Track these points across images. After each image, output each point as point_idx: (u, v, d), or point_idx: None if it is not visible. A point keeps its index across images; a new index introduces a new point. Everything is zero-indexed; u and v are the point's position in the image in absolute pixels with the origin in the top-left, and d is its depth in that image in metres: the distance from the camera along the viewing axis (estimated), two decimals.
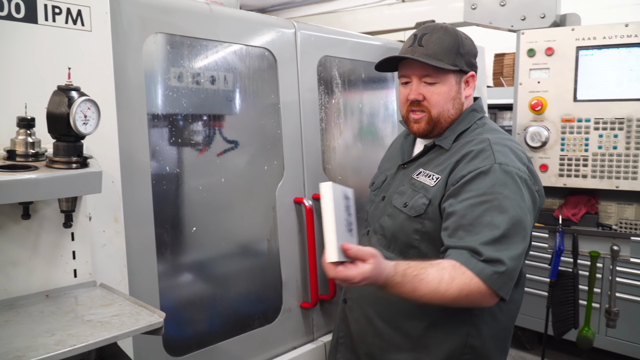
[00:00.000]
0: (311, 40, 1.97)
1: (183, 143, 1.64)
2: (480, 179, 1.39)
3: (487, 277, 1.28)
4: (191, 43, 1.62)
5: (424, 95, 1.52)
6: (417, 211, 1.48)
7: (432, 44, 1.49)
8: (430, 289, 1.27)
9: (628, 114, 2.12)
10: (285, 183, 1.87)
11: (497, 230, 1.32)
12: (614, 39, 2.12)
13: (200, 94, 1.66)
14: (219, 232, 1.75)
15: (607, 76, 2.15)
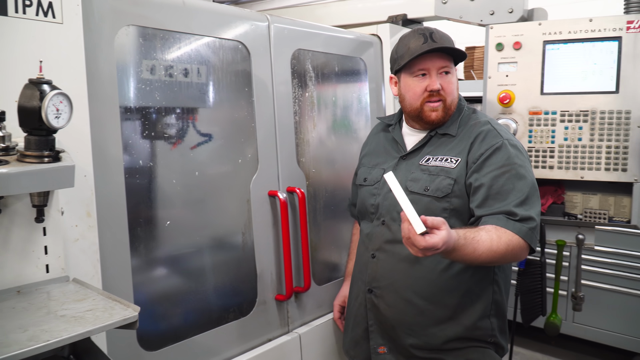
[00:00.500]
0: (285, 33, 1.97)
1: (156, 136, 1.63)
2: (497, 154, 1.64)
3: (524, 233, 1.54)
4: (164, 36, 1.61)
5: (441, 85, 1.71)
6: (443, 192, 1.67)
7: (444, 38, 1.70)
8: (485, 247, 1.47)
9: (592, 107, 2.19)
10: (260, 176, 1.88)
11: (521, 193, 1.58)
12: (578, 34, 2.18)
13: (174, 87, 1.65)
14: (193, 226, 1.75)
15: (572, 70, 2.21)
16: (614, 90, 2.15)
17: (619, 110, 2.14)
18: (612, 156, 2.17)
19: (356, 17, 2.63)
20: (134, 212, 1.55)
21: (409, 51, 1.70)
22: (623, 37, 2.10)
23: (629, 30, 2.09)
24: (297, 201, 1.97)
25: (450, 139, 1.76)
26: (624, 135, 2.14)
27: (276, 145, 1.94)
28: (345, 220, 2.30)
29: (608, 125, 2.16)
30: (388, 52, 2.39)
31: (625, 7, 2.17)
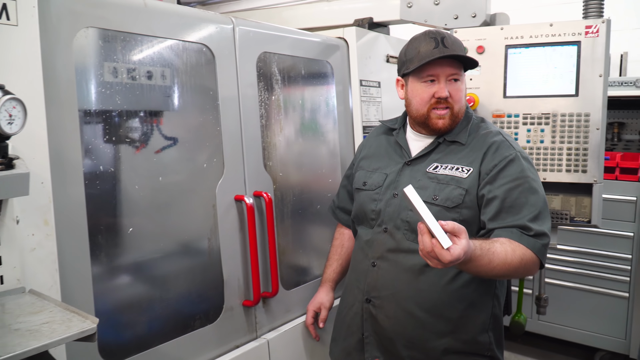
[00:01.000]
0: (250, 36, 1.95)
1: (119, 140, 1.59)
2: (510, 166, 1.62)
3: (538, 249, 1.54)
4: (125, 38, 1.57)
5: (449, 92, 1.67)
6: (454, 202, 1.64)
7: (455, 44, 1.67)
8: (500, 260, 1.45)
9: (553, 110, 2.24)
10: (226, 180, 1.85)
11: (535, 208, 1.58)
12: (540, 38, 2.23)
13: (136, 90, 1.61)
14: (158, 232, 1.71)
15: (534, 73, 2.26)
16: (573, 94, 2.20)
17: (579, 113, 2.19)
18: (573, 158, 2.22)
19: (323, 20, 2.63)
20: (95, 219, 1.51)
21: (419, 55, 1.66)
22: (582, 41, 2.16)
23: (587, 34, 2.15)
24: (264, 205, 1.95)
25: (460, 148, 1.72)
26: (583, 137, 2.19)
27: (242, 149, 1.92)
28: (314, 223, 2.29)
29: (569, 128, 2.21)
30: (355, 55, 2.40)
31: (583, 13, 2.22)
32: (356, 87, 2.42)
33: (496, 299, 1.74)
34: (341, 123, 2.39)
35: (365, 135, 2.45)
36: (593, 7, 2.19)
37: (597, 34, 2.13)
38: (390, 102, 2.59)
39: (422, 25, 2.51)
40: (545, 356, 3.84)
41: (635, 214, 3.42)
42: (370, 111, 2.49)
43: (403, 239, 1.70)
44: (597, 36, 2.13)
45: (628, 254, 3.46)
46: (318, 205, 2.29)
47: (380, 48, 2.55)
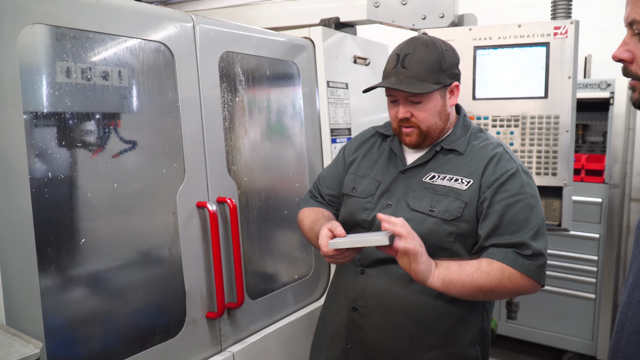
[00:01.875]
0: (211, 35, 1.86)
1: (70, 145, 1.48)
2: (511, 180, 1.55)
3: (533, 272, 1.50)
4: (76, 35, 1.46)
5: (411, 112, 1.60)
6: (452, 215, 1.57)
7: (415, 64, 1.56)
8: (469, 279, 1.46)
9: (522, 112, 2.22)
10: (187, 186, 1.76)
11: (534, 225, 1.53)
12: (508, 39, 2.21)
13: (89, 91, 1.50)
14: (114, 241, 1.61)
15: (502, 75, 2.24)
16: (542, 96, 2.19)
17: (548, 115, 2.18)
18: (543, 160, 2.21)
19: (288, 19, 2.56)
20: (44, 229, 1.39)
21: (384, 72, 1.64)
22: (550, 42, 2.15)
23: (556, 36, 2.14)
24: (228, 212, 1.87)
25: (458, 157, 1.65)
26: (553, 140, 2.18)
27: (204, 153, 1.83)
28: (281, 228, 2.21)
29: (538, 130, 2.20)
30: (321, 56, 2.33)
31: (552, 13, 2.22)
32: (323, 89, 2.36)
33: (486, 313, 1.71)
34: (308, 125, 2.32)
35: (335, 138, 2.39)
36: (561, 8, 2.18)
37: (566, 35, 2.12)
38: (358, 104, 2.54)
39: (390, 25, 2.47)
40: (514, 358, 3.85)
41: (601, 215, 3.45)
42: (338, 113, 2.43)
43: None
44: (566, 37, 2.12)
45: (594, 256, 3.49)
46: (285, 211, 2.21)
47: (347, 49, 2.50)
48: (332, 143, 2.38)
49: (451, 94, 1.65)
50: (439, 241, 1.58)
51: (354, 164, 1.86)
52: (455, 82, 1.65)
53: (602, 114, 3.74)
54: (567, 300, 3.57)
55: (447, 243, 1.58)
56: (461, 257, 1.58)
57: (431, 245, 1.56)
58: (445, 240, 1.58)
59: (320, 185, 1.94)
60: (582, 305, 3.54)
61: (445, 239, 1.58)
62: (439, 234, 1.58)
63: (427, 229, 1.58)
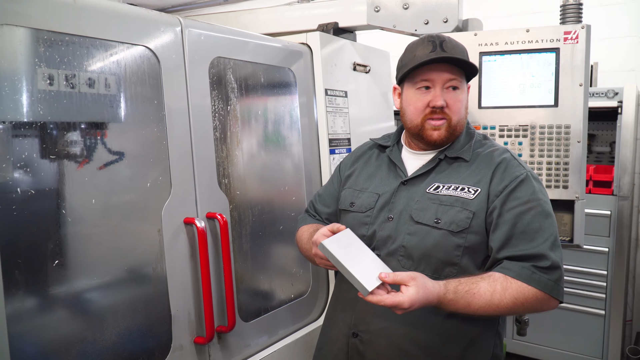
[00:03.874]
0: (201, 39, 1.74)
1: (44, 157, 1.35)
2: (522, 187, 1.45)
3: (551, 288, 1.38)
4: (50, 38, 1.34)
5: (446, 101, 1.51)
6: (460, 226, 1.45)
7: (455, 48, 1.51)
8: (484, 301, 1.34)
9: (531, 121, 2.10)
10: (173, 201, 1.63)
11: (549, 234, 1.42)
12: (515, 45, 2.09)
13: (63, 99, 1.38)
14: (93, 261, 1.47)
15: (510, 82, 2.12)
16: (552, 104, 2.07)
17: (559, 125, 2.06)
18: (553, 173, 2.08)
19: (284, 25, 2.44)
20: (11, 250, 1.27)
21: (414, 59, 1.50)
22: (560, 48, 2.03)
23: (566, 41, 2.02)
24: (218, 229, 1.74)
25: (463, 166, 1.55)
26: (564, 150, 2.06)
27: (193, 165, 1.70)
28: (277, 245, 2.09)
29: (548, 141, 2.08)
30: (319, 63, 2.22)
31: (561, 18, 2.10)
32: (321, 97, 2.24)
33: (498, 337, 1.58)
34: (305, 135, 2.19)
35: (334, 148, 2.27)
36: (571, 12, 2.07)
37: (577, 40, 2.01)
38: (358, 113, 2.42)
39: (390, 31, 2.35)
40: None
41: (610, 228, 3.32)
42: (337, 122, 2.31)
43: (398, 266, 1.51)
44: (577, 42, 2.01)
45: (603, 270, 3.36)
46: (281, 226, 2.08)
47: (346, 55, 2.38)
48: (331, 154, 2.26)
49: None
50: (446, 255, 1.46)
51: (351, 178, 1.76)
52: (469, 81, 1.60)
53: (609, 124, 3.63)
54: (576, 316, 3.43)
55: (455, 257, 1.46)
56: (471, 274, 1.45)
57: (437, 260, 1.47)
58: (453, 254, 1.46)
59: (317, 204, 1.85)
60: (591, 321, 3.40)
61: (452, 253, 1.46)
62: (445, 247, 1.46)
63: (432, 242, 1.47)
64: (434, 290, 1.32)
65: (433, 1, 2.22)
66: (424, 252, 1.48)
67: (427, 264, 1.48)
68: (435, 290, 1.33)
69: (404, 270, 1.49)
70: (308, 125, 2.22)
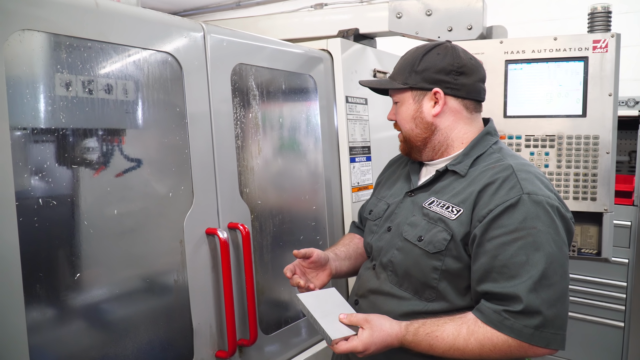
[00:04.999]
0: (223, 45, 1.71)
1: (66, 165, 1.31)
2: (509, 213, 1.27)
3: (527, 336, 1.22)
4: (72, 44, 1.31)
5: (395, 115, 1.57)
6: (436, 247, 1.35)
7: (397, 64, 1.55)
8: (447, 345, 1.26)
9: (558, 131, 2.05)
10: (195, 211, 1.59)
11: (535, 270, 1.23)
12: (543, 53, 2.04)
13: (85, 106, 1.34)
14: (113, 274, 1.43)
15: (536, 91, 2.07)
16: (580, 114, 2.01)
17: (587, 135, 2.00)
18: (581, 184, 2.03)
19: (303, 31, 2.40)
20: (33, 262, 1.23)
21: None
22: (589, 57, 1.98)
23: (595, 50, 1.97)
24: (240, 240, 1.69)
25: (458, 181, 1.42)
26: (592, 162, 2.00)
27: (215, 174, 1.66)
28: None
29: (576, 151, 2.02)
30: (340, 69, 2.18)
31: (589, 26, 2.05)
32: (341, 104, 2.19)
33: None
34: (325, 143, 2.15)
35: (354, 157, 2.22)
36: (599, 20, 2.02)
37: (606, 49, 1.96)
38: (376, 120, 2.37)
39: (413, 37, 2.31)
40: None
41: (630, 239, 3.26)
42: (357, 130, 2.26)
43: (385, 281, 1.47)
44: (606, 51, 1.96)
45: (623, 282, 3.29)
46: (301, 236, 2.04)
47: (367, 62, 2.34)
48: (351, 162, 2.22)
49: (435, 101, 1.46)
50: (423, 277, 1.39)
51: (379, 185, 1.76)
52: (435, 88, 1.44)
53: (628, 133, 3.57)
54: (595, 328, 3.36)
55: (432, 280, 1.37)
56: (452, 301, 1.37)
57: (416, 280, 1.40)
58: (430, 276, 1.37)
59: (361, 210, 1.85)
60: (610, 333, 3.33)
61: (429, 275, 1.37)
62: (423, 268, 1.38)
63: (412, 260, 1.40)
64: (392, 332, 1.29)
65: (457, 7, 2.17)
66: (406, 270, 1.42)
67: (410, 283, 1.43)
68: (394, 331, 1.29)
69: (392, 285, 1.46)
70: (328, 133, 2.17)
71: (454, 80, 1.45)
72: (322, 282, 1.58)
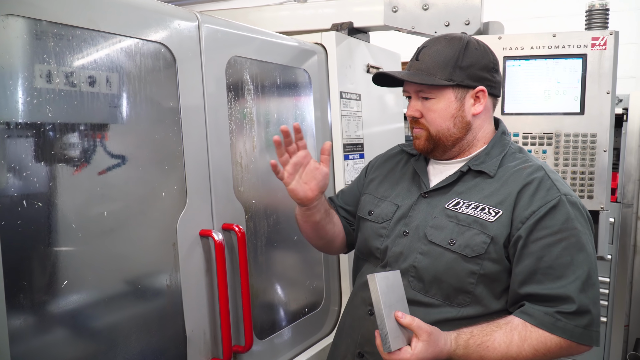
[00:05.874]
0: (218, 36, 1.62)
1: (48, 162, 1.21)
2: (552, 214, 1.28)
3: (578, 336, 1.25)
4: (59, 32, 1.20)
5: (420, 112, 1.44)
6: (475, 251, 1.32)
7: (428, 57, 1.41)
8: (499, 354, 1.24)
9: (556, 129, 2.02)
10: (189, 212, 1.50)
11: (582, 271, 1.26)
12: (541, 50, 2.01)
13: (73, 99, 1.24)
14: (102, 279, 1.34)
15: (534, 88, 2.04)
16: (578, 112, 1.99)
17: (584, 133, 1.98)
18: (578, 182, 2.01)
19: (295, 24, 2.32)
20: (14, 270, 1.13)
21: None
22: (588, 54, 1.95)
23: (594, 47, 1.95)
24: (235, 241, 1.61)
25: (487, 181, 1.40)
26: (589, 159, 1.99)
27: (209, 172, 1.58)
28: (291, 256, 1.98)
29: (573, 149, 2.00)
30: (334, 64, 2.11)
31: (586, 23, 2.03)
32: (336, 100, 2.13)
33: None
34: (319, 140, 2.08)
35: (348, 154, 2.16)
36: (597, 17, 2.00)
37: (605, 46, 1.94)
38: (369, 117, 2.31)
39: (409, 32, 2.25)
40: None
41: (613, 235, 3.29)
42: (351, 127, 2.20)
43: (408, 288, 1.40)
44: (605, 49, 1.94)
45: (606, 277, 3.33)
46: (295, 236, 1.96)
47: (360, 57, 2.27)
48: (345, 160, 2.15)
49: (475, 100, 1.43)
50: (458, 282, 1.35)
51: (373, 183, 1.66)
52: (480, 86, 1.42)
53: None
54: None
55: (469, 285, 1.34)
56: (487, 305, 1.35)
57: (449, 286, 1.35)
58: (466, 281, 1.34)
59: (337, 199, 1.78)
60: None
61: (465, 280, 1.34)
62: (458, 273, 1.34)
63: (444, 265, 1.36)
64: (444, 348, 1.24)
65: (455, 2, 2.12)
66: (435, 275, 1.38)
67: (439, 289, 1.38)
68: (446, 348, 1.25)
69: (414, 292, 1.40)
70: (322, 129, 2.10)
71: (493, 78, 1.44)
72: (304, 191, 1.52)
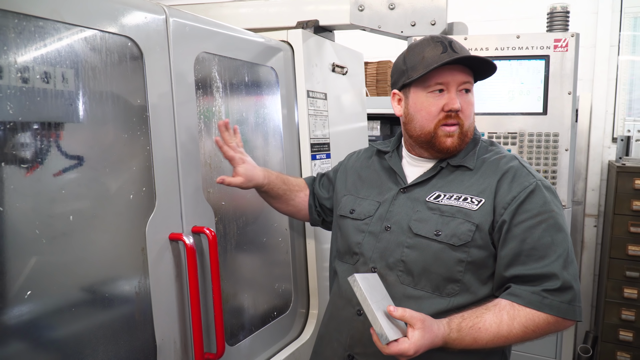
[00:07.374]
0: (186, 30, 1.55)
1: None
2: (531, 198, 1.34)
3: (565, 311, 1.28)
4: (20, 23, 1.11)
5: (461, 105, 1.41)
6: (461, 239, 1.35)
7: (463, 49, 1.42)
8: (491, 334, 1.27)
9: (520, 129, 2.07)
10: (158, 215, 1.43)
11: (562, 249, 1.31)
12: (505, 51, 2.05)
13: (33, 95, 1.15)
14: (63, 287, 1.25)
15: (499, 89, 2.08)
16: (541, 112, 2.04)
17: (547, 133, 2.04)
18: None
19: (263, 20, 2.26)
20: None
21: (423, 61, 1.39)
22: (550, 55, 2.01)
23: (557, 49, 2.00)
24: (205, 245, 1.55)
25: (466, 174, 1.43)
26: (552, 159, 2.04)
27: (178, 173, 1.51)
28: (260, 259, 1.92)
29: (537, 149, 2.05)
30: (301, 62, 2.07)
31: (548, 26, 2.08)
32: (302, 99, 2.09)
33: (503, 358, 1.50)
34: (287, 139, 2.04)
35: (315, 154, 2.12)
36: (558, 20, 2.06)
37: (567, 48, 1.99)
38: (335, 117, 2.29)
39: (375, 32, 2.24)
40: None
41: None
42: (318, 126, 2.17)
43: (397, 282, 1.40)
44: (567, 51, 2.00)
45: None
46: (264, 238, 1.91)
47: (326, 55, 2.25)
48: (312, 160, 2.12)
49: None
50: (447, 271, 1.37)
51: (352, 184, 1.66)
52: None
53: None
54: None
55: (457, 273, 1.36)
56: (475, 291, 1.37)
57: (438, 276, 1.37)
58: (455, 269, 1.36)
59: (318, 185, 1.86)
60: None
61: (454, 269, 1.36)
62: (446, 262, 1.36)
63: (432, 256, 1.37)
64: (439, 333, 1.25)
65: (420, 3, 2.13)
66: (423, 267, 1.39)
67: (428, 280, 1.39)
68: (440, 332, 1.25)
69: (404, 286, 1.40)
70: (289, 128, 2.06)
71: None
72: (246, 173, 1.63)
